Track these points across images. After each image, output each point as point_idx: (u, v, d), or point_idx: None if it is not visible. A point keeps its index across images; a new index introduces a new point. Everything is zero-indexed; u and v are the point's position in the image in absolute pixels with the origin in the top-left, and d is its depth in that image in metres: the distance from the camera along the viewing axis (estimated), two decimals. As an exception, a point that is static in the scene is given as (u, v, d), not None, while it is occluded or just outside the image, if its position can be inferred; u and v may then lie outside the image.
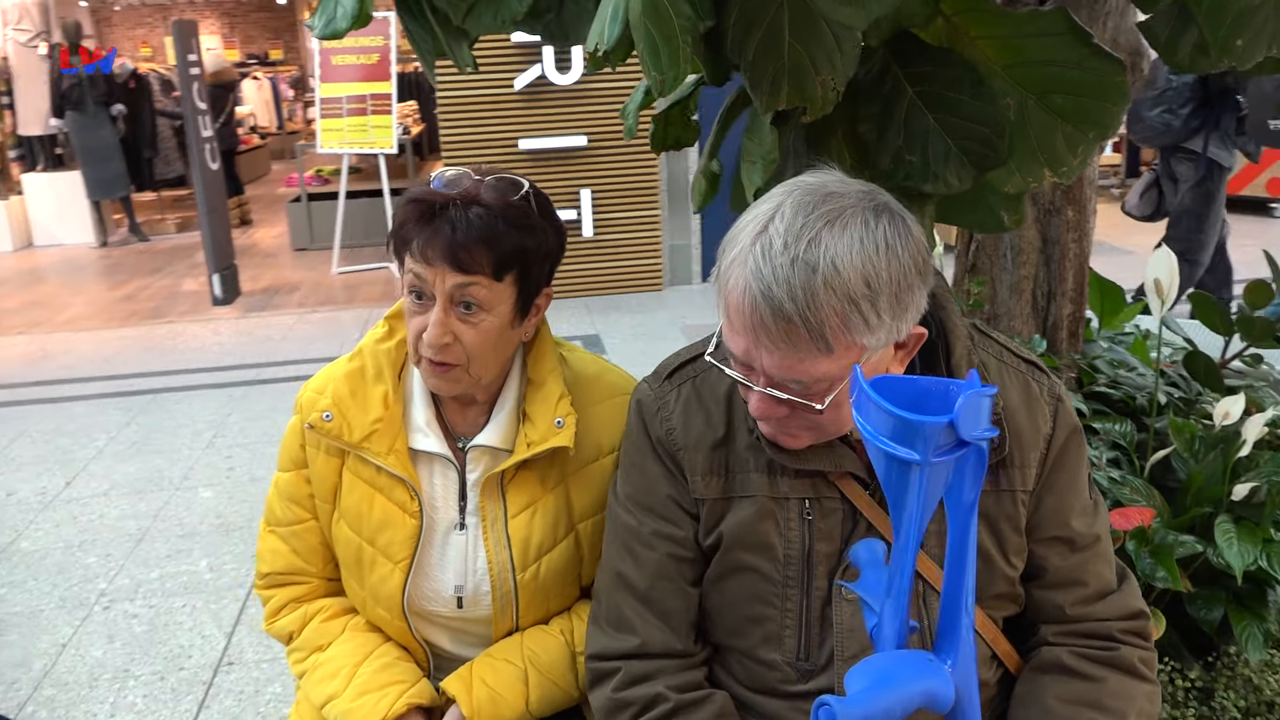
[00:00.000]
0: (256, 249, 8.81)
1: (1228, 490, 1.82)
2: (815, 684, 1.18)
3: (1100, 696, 1.13)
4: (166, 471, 4.00)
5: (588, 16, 2.08)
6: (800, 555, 1.16)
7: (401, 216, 1.30)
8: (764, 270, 0.99)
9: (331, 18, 1.78)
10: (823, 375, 1.02)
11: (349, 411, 1.35)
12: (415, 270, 1.27)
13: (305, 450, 1.42)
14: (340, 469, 1.40)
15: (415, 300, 1.29)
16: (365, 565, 1.40)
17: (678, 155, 6.69)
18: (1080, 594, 1.18)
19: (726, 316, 1.06)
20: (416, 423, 1.39)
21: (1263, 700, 1.69)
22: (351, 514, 1.39)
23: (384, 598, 1.40)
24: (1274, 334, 2.21)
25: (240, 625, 2.84)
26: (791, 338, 0.99)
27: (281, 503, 1.45)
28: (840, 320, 0.98)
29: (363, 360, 1.40)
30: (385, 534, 1.38)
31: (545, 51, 6.12)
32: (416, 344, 1.30)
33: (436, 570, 1.40)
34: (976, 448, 0.84)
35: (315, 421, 1.35)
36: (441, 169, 1.36)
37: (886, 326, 1.01)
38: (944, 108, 1.50)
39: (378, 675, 1.39)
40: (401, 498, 1.37)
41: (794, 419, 1.08)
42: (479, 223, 1.26)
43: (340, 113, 7.32)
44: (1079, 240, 2.33)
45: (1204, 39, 1.31)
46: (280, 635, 1.48)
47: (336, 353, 5.51)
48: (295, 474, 1.43)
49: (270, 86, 16.99)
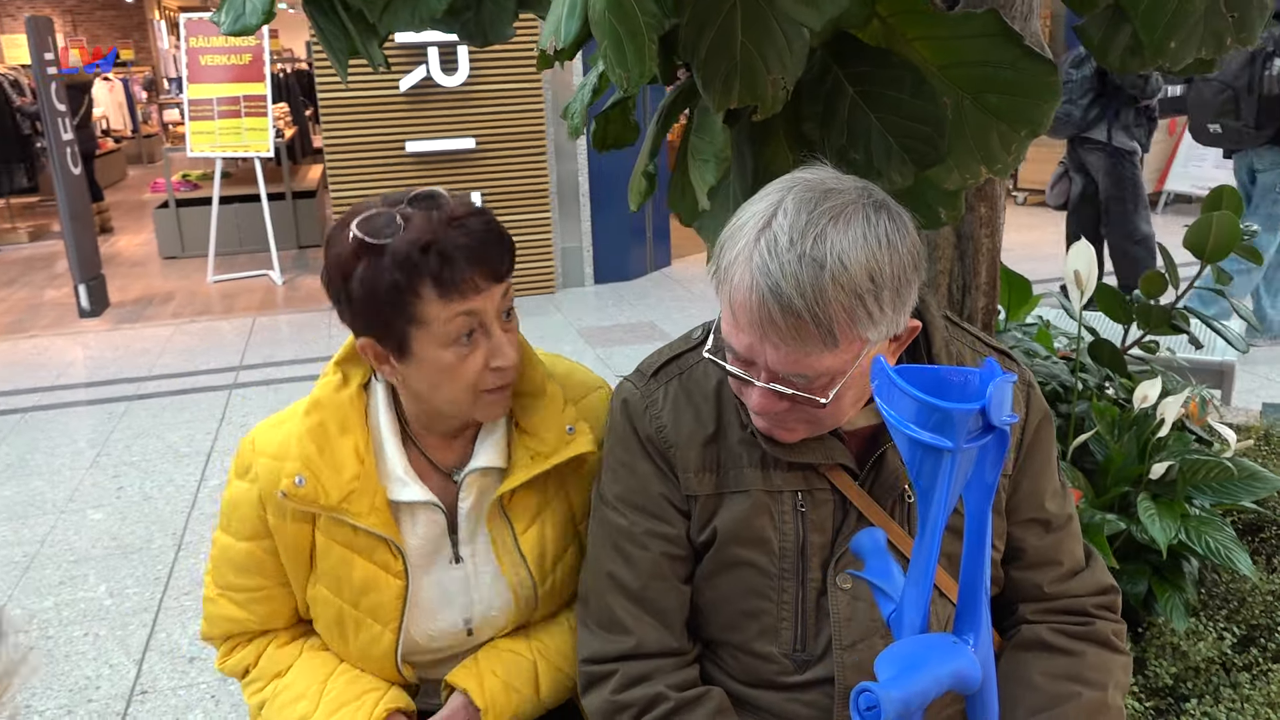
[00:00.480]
0: (122, 258, 8.39)
1: (1146, 469, 1.93)
2: (812, 674, 1.19)
3: (1081, 670, 1.18)
4: (48, 494, 3.77)
5: (506, 15, 2.06)
6: (795, 547, 1.18)
7: (398, 270, 1.14)
8: (771, 267, 1.00)
9: (240, 14, 1.72)
10: (826, 369, 1.03)
11: (321, 473, 1.23)
12: (466, 309, 1.17)
13: (267, 523, 1.29)
14: (312, 532, 1.30)
15: (467, 342, 1.19)
16: (350, 628, 1.33)
17: (566, 157, 6.68)
18: (1056, 573, 1.23)
19: (730, 313, 1.06)
20: (394, 473, 1.29)
21: (1190, 666, 1.80)
22: (329, 578, 1.31)
23: (375, 658, 1.34)
24: (1169, 321, 2.35)
25: (150, 651, 2.70)
26: (800, 333, 1.00)
27: (236, 571, 1.34)
28: (847, 315, 1.00)
29: (322, 414, 1.27)
30: (369, 598, 1.30)
31: (430, 52, 6.02)
32: (477, 383, 1.21)
33: (439, 611, 1.34)
34: (1000, 431, 0.87)
35: (288, 489, 1.23)
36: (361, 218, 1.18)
37: (888, 320, 1.04)
38: (885, 107, 1.54)
39: (350, 687, 1.34)
40: (384, 558, 1.29)
41: (793, 413, 1.09)
42: (483, 228, 1.19)
43: (211, 115, 7.04)
44: (991, 236, 2.42)
45: (1137, 40, 1.39)
46: (236, 670, 1.40)
47: (224, 364, 5.30)
48: (253, 544, 1.31)
49: (122, 88, 16.18)
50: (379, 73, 1.88)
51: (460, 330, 1.17)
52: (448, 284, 1.14)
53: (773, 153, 1.71)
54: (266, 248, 7.49)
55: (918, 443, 0.84)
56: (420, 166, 6.20)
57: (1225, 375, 3.17)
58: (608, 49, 1.37)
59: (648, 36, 1.34)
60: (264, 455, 1.28)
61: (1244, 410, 3.33)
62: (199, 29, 6.97)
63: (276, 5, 1.65)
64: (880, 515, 1.17)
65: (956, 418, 0.83)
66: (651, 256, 7.22)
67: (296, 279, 7.33)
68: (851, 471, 1.18)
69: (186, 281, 7.37)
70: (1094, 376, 2.30)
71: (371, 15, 1.75)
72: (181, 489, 3.76)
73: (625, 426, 1.25)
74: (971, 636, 0.94)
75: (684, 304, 6.27)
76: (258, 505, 1.29)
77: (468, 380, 1.20)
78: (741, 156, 1.74)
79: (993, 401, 0.83)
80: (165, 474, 3.91)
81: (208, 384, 5.02)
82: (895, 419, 0.85)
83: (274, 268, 7.24)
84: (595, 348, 5.36)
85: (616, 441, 1.26)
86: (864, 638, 1.17)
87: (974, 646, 0.93)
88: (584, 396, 1.40)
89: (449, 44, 6.06)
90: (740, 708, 1.24)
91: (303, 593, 1.35)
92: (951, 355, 1.20)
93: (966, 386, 0.87)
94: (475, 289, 1.16)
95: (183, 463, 4.02)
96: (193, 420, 4.51)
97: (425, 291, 1.14)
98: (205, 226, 7.78)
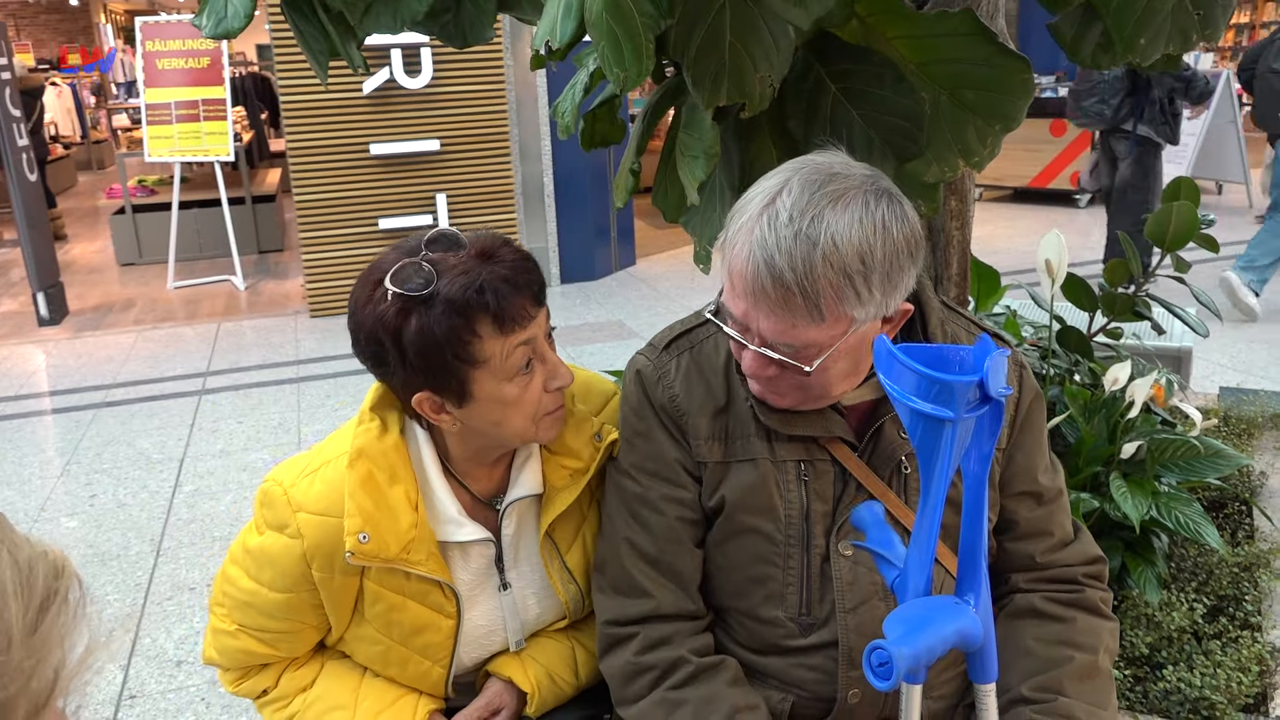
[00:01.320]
0: (78, 265, 8.26)
1: (1117, 450, 2.01)
2: (816, 637, 1.25)
3: (1073, 635, 1.25)
4: (19, 503, 3.73)
5: (486, 18, 2.10)
6: (800, 515, 1.24)
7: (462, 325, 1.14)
8: (769, 240, 1.06)
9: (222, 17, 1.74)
10: (812, 341, 1.10)
11: (381, 526, 1.21)
12: (524, 339, 1.17)
13: (313, 575, 1.26)
14: (360, 582, 1.28)
15: (525, 371, 1.19)
16: (398, 664, 1.33)
17: (530, 158, 6.70)
18: (1048, 543, 1.29)
19: (729, 280, 1.13)
20: (447, 514, 1.28)
21: (1163, 636, 1.88)
22: (380, 622, 1.30)
23: (425, 686, 1.35)
24: (1133, 308, 2.44)
25: (136, 657, 2.69)
26: (788, 304, 1.07)
27: (267, 617, 1.30)
28: (835, 292, 1.06)
29: (370, 464, 1.23)
30: (422, 638, 1.30)
31: (394, 55, 6.01)
32: (539, 407, 1.22)
33: (487, 638, 1.36)
34: (997, 403, 0.93)
35: (354, 548, 1.19)
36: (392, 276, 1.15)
37: (876, 301, 1.09)
38: (866, 103, 1.59)
39: (385, 692, 1.35)
40: (437, 600, 1.29)
41: (783, 379, 1.16)
42: (516, 258, 1.20)
43: (169, 119, 6.97)
44: (961, 228, 2.50)
45: (1108, 37, 1.46)
46: (250, 693, 1.39)
47: (191, 370, 5.26)
48: (292, 595, 1.28)
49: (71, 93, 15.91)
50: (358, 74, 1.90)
51: (520, 361, 1.18)
52: (504, 318, 1.14)
53: (758, 149, 1.77)
54: (227, 253, 7.42)
55: (920, 414, 0.90)
56: (385, 168, 6.19)
57: (1183, 360, 3.28)
58: (605, 49, 1.41)
59: (645, 36, 1.38)
60: (307, 511, 1.24)
61: (1201, 394, 3.44)
62: (155, 32, 6.90)
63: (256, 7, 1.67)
64: (878, 485, 1.23)
65: (957, 389, 0.89)
66: (616, 256, 7.26)
67: (259, 284, 7.28)
68: (850, 444, 1.24)
69: (146, 288, 7.28)
70: (1063, 362, 2.38)
71: (352, 18, 1.78)
72: (156, 495, 3.74)
73: (639, 396, 1.30)
74: (972, 597, 0.99)
75: (650, 302, 6.32)
76: (301, 561, 1.25)
77: (531, 409, 1.21)
78: (728, 153, 1.79)
79: (990, 374, 0.89)
80: (139, 481, 3.88)
81: (176, 390, 4.99)
82: (898, 392, 0.91)
83: (236, 273, 7.18)
84: (565, 347, 5.39)
85: (630, 411, 1.31)
86: (865, 601, 1.23)
87: (975, 607, 0.99)
88: (603, 405, 1.41)
89: (412, 46, 6.05)
90: (750, 675, 1.29)
91: (343, 631, 1.33)
92: (947, 335, 1.26)
93: (964, 362, 0.93)
94: (528, 316, 1.17)
95: (155, 469, 3.99)
96: (163, 426, 4.48)
97: (484, 330, 1.14)
98: (163, 233, 7.69)
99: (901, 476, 1.25)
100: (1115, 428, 2.07)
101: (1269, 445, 2.92)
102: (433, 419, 1.22)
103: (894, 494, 1.24)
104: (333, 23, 1.84)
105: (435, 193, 6.31)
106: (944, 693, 1.30)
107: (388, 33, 1.73)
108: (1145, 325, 2.83)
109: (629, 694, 1.25)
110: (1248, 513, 2.47)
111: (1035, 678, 1.22)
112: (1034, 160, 8.89)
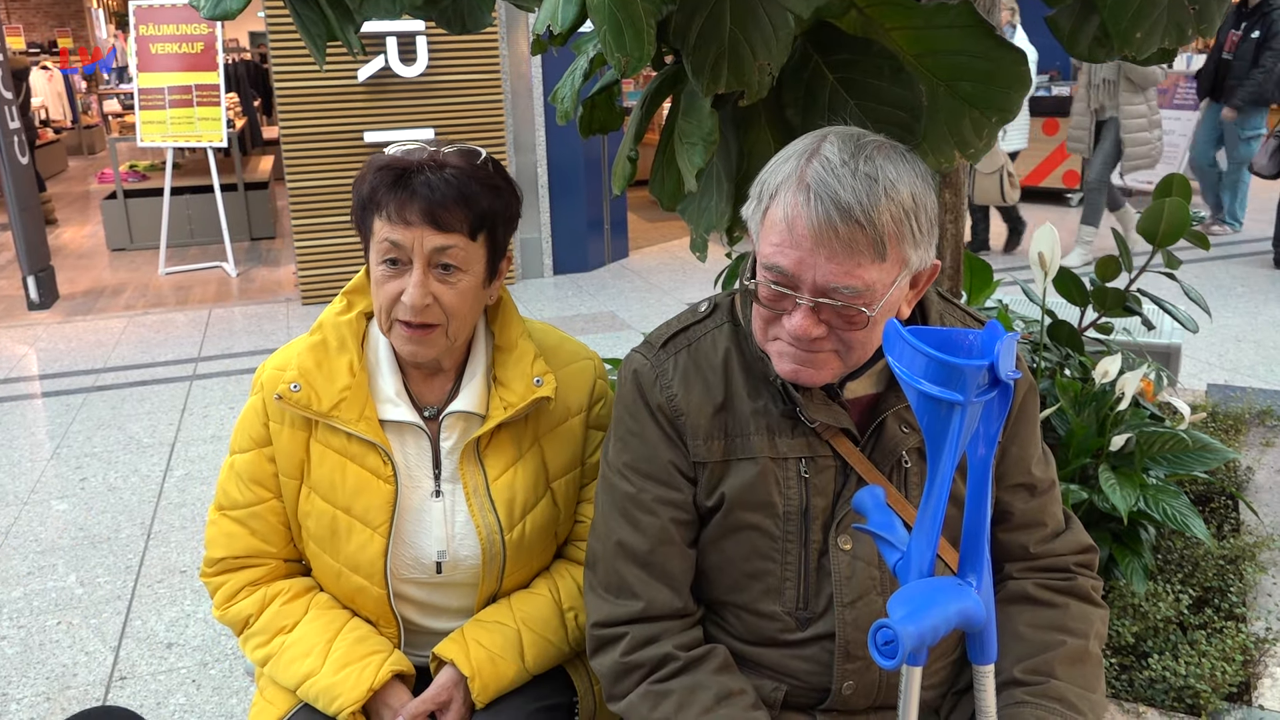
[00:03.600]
0: (69, 249, 8.23)
1: (1106, 442, 2.03)
2: (813, 630, 1.26)
3: (1065, 620, 1.26)
4: (9, 486, 3.72)
5: (485, 3, 2.10)
6: (799, 511, 1.24)
7: (372, 183, 1.32)
8: (829, 180, 1.08)
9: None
10: (873, 282, 1.09)
11: (316, 381, 1.37)
12: (391, 237, 1.29)
13: (269, 427, 1.42)
14: (307, 442, 1.41)
15: (390, 267, 1.31)
16: (341, 534, 1.40)
17: (525, 148, 6.70)
18: (1041, 534, 1.30)
19: (776, 232, 1.12)
20: (385, 393, 1.41)
21: (1149, 626, 1.90)
22: (324, 485, 1.40)
23: (364, 565, 1.40)
24: (1124, 303, 2.47)
25: (127, 638, 2.69)
26: (854, 241, 1.07)
27: (239, 484, 1.45)
28: (895, 227, 1.08)
29: (324, 334, 1.42)
30: (361, 500, 1.39)
31: (389, 42, 6.00)
32: (390, 309, 1.32)
33: (417, 538, 1.42)
34: (1005, 386, 0.93)
35: (284, 393, 1.36)
36: (394, 145, 1.38)
37: (924, 246, 1.12)
38: (864, 93, 1.60)
39: (355, 648, 1.40)
40: (374, 464, 1.39)
41: (828, 341, 1.13)
42: (455, 183, 1.30)
43: (163, 104, 6.94)
44: (955, 222, 2.52)
45: (1104, 31, 1.47)
46: (235, 620, 1.46)
47: (181, 355, 5.25)
48: (256, 453, 1.43)
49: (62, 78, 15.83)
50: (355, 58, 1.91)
51: (385, 252, 1.30)
52: (390, 208, 1.29)
53: (755, 138, 1.77)
54: (218, 239, 7.40)
55: (929, 397, 0.91)
56: (378, 157, 6.18)
57: (1172, 356, 3.31)
58: (607, 34, 1.42)
59: (646, 22, 1.39)
60: (270, 367, 1.43)
61: (1190, 390, 3.47)
62: (149, 16, 6.87)
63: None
64: (880, 479, 1.23)
65: (968, 373, 0.89)
66: (609, 248, 7.26)
67: (251, 270, 7.26)
68: (853, 438, 1.25)
69: (137, 273, 7.26)
70: (1055, 356, 2.40)
71: (351, 2, 1.78)
72: (147, 479, 3.74)
73: (635, 396, 1.29)
74: (975, 578, 1.01)
75: (642, 294, 6.33)
76: (261, 412, 1.42)
77: (383, 302, 1.32)
78: (725, 141, 1.80)
79: (1001, 358, 0.90)
80: (129, 464, 3.88)
81: (167, 375, 4.98)
82: (907, 375, 0.92)
83: (228, 259, 7.16)
84: (557, 337, 5.40)
85: (625, 411, 1.31)
86: (862, 595, 1.24)
87: (977, 588, 1.00)
88: (570, 364, 1.49)
89: (408, 34, 6.04)
90: (743, 665, 1.30)
91: (294, 506, 1.43)
92: (945, 324, 1.27)
93: (973, 346, 0.94)
94: (405, 223, 1.28)
95: (146, 453, 3.99)
96: (154, 411, 4.47)
97: (380, 205, 1.30)
98: (154, 218, 7.66)
99: (902, 471, 1.25)
100: (1105, 420, 2.09)
101: (1255, 441, 2.95)
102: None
103: (895, 488, 1.24)
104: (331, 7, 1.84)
105: (429, 181, 6.30)
106: (934, 681, 1.31)
107: (387, 18, 1.73)
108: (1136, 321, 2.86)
109: (618, 690, 1.26)
110: (1234, 506, 2.50)
111: (1027, 661, 1.23)
112: (1026, 159, 8.92)
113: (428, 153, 1.33)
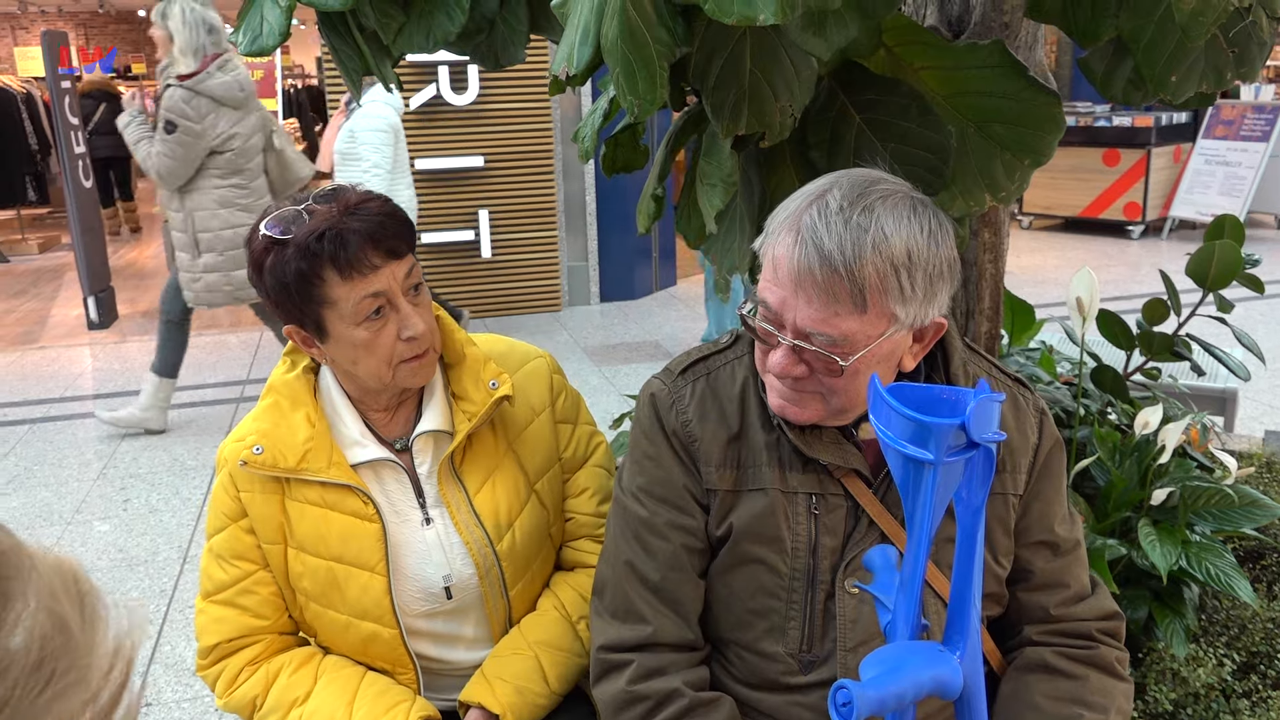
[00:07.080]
0: (133, 269, 8.44)
1: (1147, 495, 1.95)
2: (817, 675, 1.22)
3: (1085, 694, 1.20)
4: (55, 505, 3.79)
5: (518, 38, 2.09)
6: (807, 548, 1.21)
7: (300, 265, 1.25)
8: (818, 225, 1.07)
9: (258, 34, 1.75)
10: (851, 334, 1.08)
11: (277, 440, 1.36)
12: (370, 290, 1.27)
13: (240, 499, 1.39)
14: (282, 504, 1.39)
15: (375, 318, 1.29)
16: (340, 584, 1.38)
17: (573, 176, 6.73)
18: (1063, 595, 1.25)
19: (771, 267, 1.12)
20: (350, 437, 1.40)
21: (1189, 692, 1.81)
22: (310, 540, 1.38)
23: (371, 609, 1.38)
24: (1171, 348, 2.38)
25: (154, 664, 2.71)
26: (832, 289, 1.06)
27: (220, 565, 1.41)
28: (880, 281, 1.06)
29: (276, 395, 1.41)
30: (351, 545, 1.37)
31: (440, 71, 6.07)
32: (392, 355, 1.31)
33: (418, 569, 1.41)
34: (986, 450, 0.89)
35: (248, 458, 1.34)
36: (271, 218, 1.30)
37: (917, 302, 1.09)
38: (891, 134, 1.57)
39: (378, 702, 1.37)
40: (355, 506, 1.37)
41: (809, 383, 1.13)
42: (375, 214, 1.29)
43: (223, 130, 7.09)
44: (994, 261, 2.45)
45: (1139, 74, 1.42)
46: (241, 705, 1.40)
47: (230, 378, 5.33)
48: (233, 529, 1.40)
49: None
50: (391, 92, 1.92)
51: (368, 309, 1.28)
52: (346, 266, 1.25)
53: (779, 178, 1.74)
54: (274, 262, 7.51)
55: (902, 455, 0.88)
56: (430, 183, 6.25)
57: (1228, 402, 3.19)
58: (620, 76, 1.40)
59: (659, 64, 1.37)
60: (229, 442, 1.41)
61: (1246, 437, 3.34)
62: (212, 45, 7.03)
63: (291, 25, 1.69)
64: (891, 523, 1.20)
65: (936, 431, 0.86)
66: (657, 276, 7.25)
67: (304, 294, 7.36)
68: (866, 479, 1.21)
69: (194, 295, 7.40)
70: (1096, 402, 2.32)
71: (385, 37, 1.79)
72: (188, 502, 3.78)
73: (651, 420, 1.29)
74: (959, 649, 0.96)
75: (688, 323, 6.30)
76: (230, 487, 1.40)
77: (384, 353, 1.30)
78: (749, 182, 1.77)
79: (974, 418, 0.86)
80: (171, 487, 3.93)
81: (214, 398, 5.05)
82: (885, 434, 0.89)
83: (282, 282, 7.27)
84: (600, 366, 5.39)
85: (641, 434, 1.30)
86: (868, 640, 1.20)
87: (960, 657, 0.96)
88: (523, 364, 1.50)
89: (459, 63, 6.11)
90: (744, 714, 1.26)
91: (284, 572, 1.40)
92: (969, 376, 1.23)
93: (956, 404, 0.90)
94: (372, 267, 1.26)
95: (189, 476, 4.04)
96: (199, 434, 4.53)
97: (328, 275, 1.25)
98: (214, 240, 7.81)
99: None
100: (1146, 472, 2.01)
101: (1314, 493, 2.81)
102: (305, 351, 1.37)
103: (906, 533, 1.20)
104: (367, 41, 1.85)
105: (478, 208, 6.36)
106: None
107: (420, 52, 1.74)
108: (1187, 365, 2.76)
109: None
110: (1288, 564, 2.38)
111: (1041, 736, 1.17)
112: (1085, 190, 8.74)
113: (314, 209, 1.28)
